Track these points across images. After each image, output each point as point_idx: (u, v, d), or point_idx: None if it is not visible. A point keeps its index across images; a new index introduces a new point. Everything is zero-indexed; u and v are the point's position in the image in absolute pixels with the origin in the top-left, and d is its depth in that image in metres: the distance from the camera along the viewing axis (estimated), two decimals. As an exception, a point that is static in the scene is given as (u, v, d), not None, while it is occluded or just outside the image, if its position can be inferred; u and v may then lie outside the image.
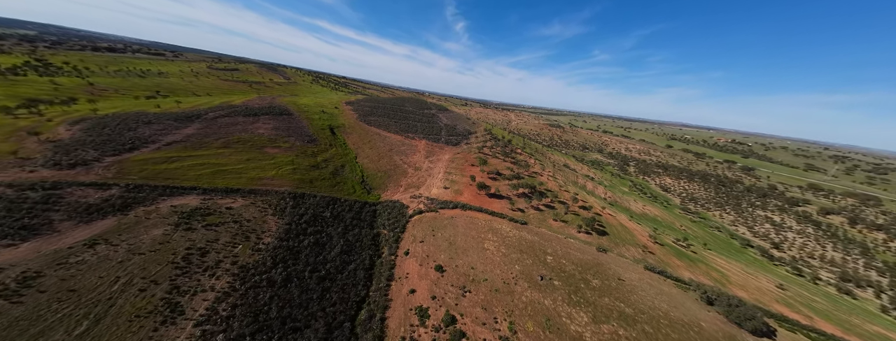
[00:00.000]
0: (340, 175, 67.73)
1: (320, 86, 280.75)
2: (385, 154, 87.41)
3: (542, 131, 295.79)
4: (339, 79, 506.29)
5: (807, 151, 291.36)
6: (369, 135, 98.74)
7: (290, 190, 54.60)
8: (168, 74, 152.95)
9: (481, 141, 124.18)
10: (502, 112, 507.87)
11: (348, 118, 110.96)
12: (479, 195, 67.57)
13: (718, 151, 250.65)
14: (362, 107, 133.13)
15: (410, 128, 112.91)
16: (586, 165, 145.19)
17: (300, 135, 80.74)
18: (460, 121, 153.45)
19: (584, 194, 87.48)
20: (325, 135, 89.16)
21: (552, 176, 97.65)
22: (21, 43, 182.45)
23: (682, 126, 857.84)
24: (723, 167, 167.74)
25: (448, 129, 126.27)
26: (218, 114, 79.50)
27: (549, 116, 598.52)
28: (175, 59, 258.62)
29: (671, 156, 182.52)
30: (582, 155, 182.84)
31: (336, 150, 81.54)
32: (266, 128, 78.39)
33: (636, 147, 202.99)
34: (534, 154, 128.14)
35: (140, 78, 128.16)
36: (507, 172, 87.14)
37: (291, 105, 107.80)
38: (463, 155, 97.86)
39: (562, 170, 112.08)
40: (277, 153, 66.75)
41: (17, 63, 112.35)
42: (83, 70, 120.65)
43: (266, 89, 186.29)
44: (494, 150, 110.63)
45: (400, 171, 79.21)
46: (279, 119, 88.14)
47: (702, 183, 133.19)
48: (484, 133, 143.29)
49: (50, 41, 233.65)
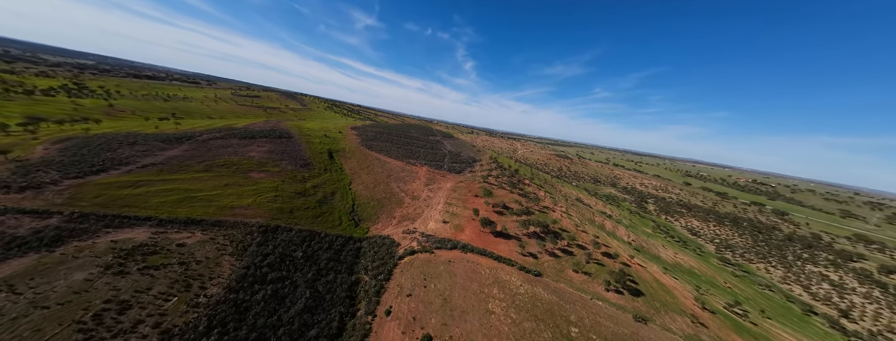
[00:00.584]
0: (328, 203, 60.12)
1: (333, 112, 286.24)
2: (382, 181, 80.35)
3: (549, 161, 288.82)
4: (354, 106, 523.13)
5: (837, 196, 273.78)
6: (369, 160, 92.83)
7: (263, 222, 46.80)
8: (192, 99, 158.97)
9: (486, 169, 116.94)
10: (508, 141, 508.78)
11: (350, 142, 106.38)
12: (483, 233, 58.31)
13: (740, 191, 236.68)
14: (367, 132, 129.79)
15: (413, 154, 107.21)
16: (601, 200, 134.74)
17: (294, 158, 75.02)
18: (465, 148, 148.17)
19: (604, 236, 76.89)
20: (322, 159, 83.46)
21: (566, 212, 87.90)
22: (72, 69, 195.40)
23: (694, 162, 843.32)
24: (753, 210, 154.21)
25: (452, 156, 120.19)
26: (213, 136, 75.18)
27: (554, 147, 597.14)
28: (208, 86, 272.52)
29: (692, 194, 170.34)
30: (595, 188, 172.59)
31: (330, 176, 74.99)
32: (259, 150, 73.15)
33: (652, 183, 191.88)
34: (543, 185, 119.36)
35: (164, 101, 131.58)
36: (515, 206, 78.16)
37: (294, 128, 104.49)
38: (466, 184, 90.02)
39: (575, 206, 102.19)
40: (263, 178, 60.29)
41: (55, 85, 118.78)
42: (115, 93, 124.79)
43: (279, 114, 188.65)
44: (500, 180, 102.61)
45: (396, 200, 71.25)
46: (277, 142, 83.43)
47: (734, 227, 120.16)
48: (489, 161, 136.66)
49: (99, 69, 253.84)
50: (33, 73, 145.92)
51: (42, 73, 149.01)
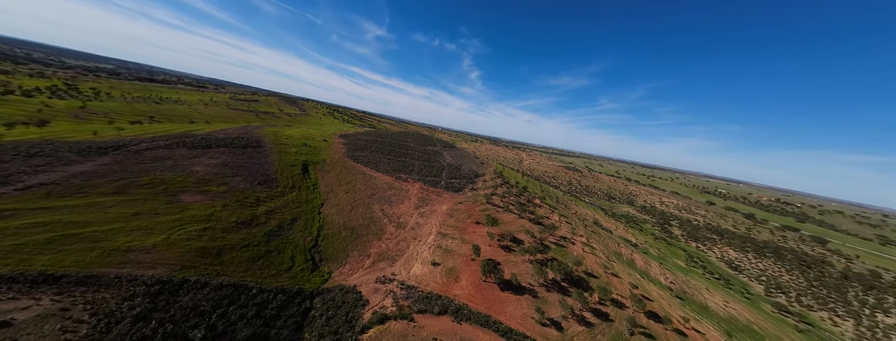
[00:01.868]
0: (281, 237, 45.84)
1: (333, 118, 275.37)
2: (362, 201, 66.10)
3: (558, 174, 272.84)
4: (358, 113, 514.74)
5: (869, 218, 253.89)
6: (351, 174, 78.92)
7: (166, 273, 32.47)
8: (185, 102, 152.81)
9: (491, 186, 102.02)
10: (513, 150, 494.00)
11: (333, 153, 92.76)
12: (486, 284, 43.32)
13: (766, 212, 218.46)
14: (356, 140, 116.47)
15: (405, 166, 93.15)
16: (620, 223, 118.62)
17: (252, 173, 61.22)
18: (467, 159, 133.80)
19: (636, 277, 61.20)
20: (292, 174, 69.65)
21: (587, 243, 72.31)
22: (82, 72, 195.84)
23: (707, 177, 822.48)
24: (794, 239, 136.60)
25: (451, 170, 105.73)
26: (155, 145, 61.85)
27: (562, 157, 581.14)
28: (214, 90, 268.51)
29: (719, 216, 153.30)
30: (610, 206, 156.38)
31: (297, 196, 61.01)
32: (209, 164, 59.51)
33: (672, 201, 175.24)
34: (556, 206, 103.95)
35: (155, 104, 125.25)
36: (525, 238, 62.97)
37: (269, 136, 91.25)
38: (466, 206, 75.15)
39: (595, 233, 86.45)
40: (196, 202, 46.34)
41: (43, 85, 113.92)
42: (103, 95, 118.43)
43: (272, 119, 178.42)
44: (507, 200, 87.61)
45: (375, 229, 56.70)
46: (237, 152, 69.85)
47: (777, 260, 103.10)
48: (494, 175, 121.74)
49: (110, 72, 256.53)
50: (27, 73, 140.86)
51: (38, 74, 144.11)
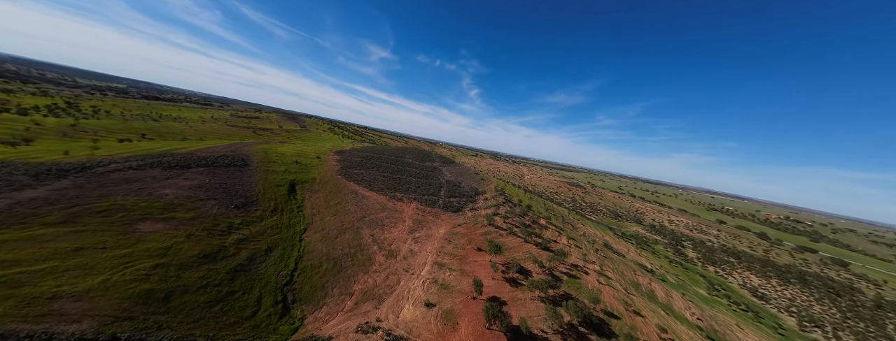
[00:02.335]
0: (249, 273, 39.32)
1: (333, 134, 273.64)
2: (351, 225, 59.82)
3: (560, 190, 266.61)
4: (360, 128, 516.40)
5: (882, 237, 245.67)
6: (341, 194, 73.06)
7: (93, 328, 25.67)
8: (184, 119, 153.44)
9: (492, 204, 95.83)
10: (513, 165, 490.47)
11: (325, 171, 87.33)
12: (491, 334, 36.30)
13: (777, 230, 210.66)
14: (352, 157, 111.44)
15: (401, 184, 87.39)
16: (631, 243, 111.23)
17: (231, 195, 55.48)
18: (467, 176, 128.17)
19: (661, 314, 53.86)
20: (276, 194, 63.86)
21: (601, 272, 65.24)
22: (88, 90, 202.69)
23: (708, 192, 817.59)
24: (815, 261, 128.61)
25: (450, 187, 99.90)
26: (127, 166, 56.45)
27: (562, 172, 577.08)
28: (219, 108, 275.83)
29: (733, 237, 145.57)
30: (618, 225, 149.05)
31: (278, 220, 54.98)
32: (182, 185, 53.93)
33: (682, 220, 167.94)
34: (563, 227, 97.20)
35: (154, 121, 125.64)
36: (533, 267, 56.18)
37: (259, 153, 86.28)
38: (466, 228, 68.71)
39: (608, 258, 79.39)
40: (157, 231, 40.22)
41: (41, 104, 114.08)
42: (103, 113, 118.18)
43: (268, 135, 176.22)
44: (511, 221, 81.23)
45: (362, 259, 50.12)
46: (218, 172, 64.33)
47: (804, 287, 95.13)
48: (495, 192, 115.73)
49: (118, 91, 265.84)
50: (31, 91, 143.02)
51: (42, 92, 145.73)
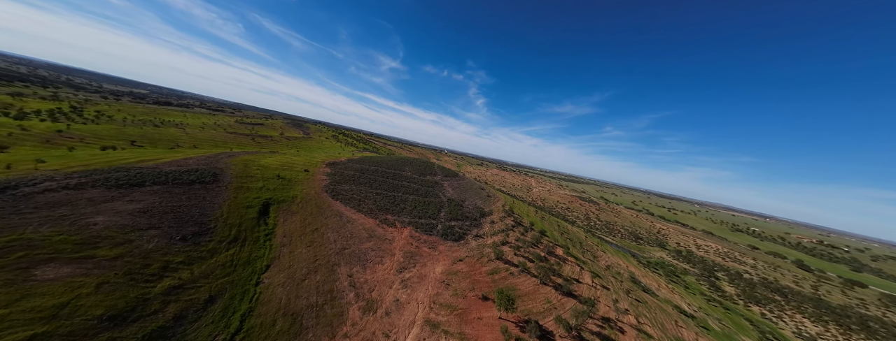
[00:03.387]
0: (171, 340, 28.30)
1: (336, 141, 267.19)
2: (326, 261, 48.37)
3: (572, 205, 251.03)
4: (366, 135, 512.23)
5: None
6: (323, 216, 62.00)
7: None
8: (186, 125, 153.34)
9: (501, 229, 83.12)
10: (521, 176, 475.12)
11: (311, 187, 76.77)
12: None
13: (811, 256, 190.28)
14: (346, 170, 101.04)
15: (395, 204, 76.01)
16: (659, 275, 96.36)
17: (179, 223, 44.80)
18: (471, 192, 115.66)
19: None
20: (241, 219, 53.15)
21: (638, 327, 51.63)
22: (104, 95, 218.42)
23: (728, 209, 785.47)
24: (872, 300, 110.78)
25: (451, 208, 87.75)
26: (64, 184, 46.25)
27: (571, 184, 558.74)
28: (231, 114, 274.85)
29: (773, 268, 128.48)
30: (639, 249, 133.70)
31: (233, 254, 44.01)
32: (122, 211, 43.33)
33: (710, 245, 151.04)
34: (584, 258, 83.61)
35: (154, 127, 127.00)
36: (557, 330, 43.07)
37: (236, 166, 76.28)
38: (469, 265, 56.19)
39: (641, 302, 65.38)
40: (61, 278, 28.95)
41: (44, 108, 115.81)
42: (104, 118, 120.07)
43: (267, 143, 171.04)
44: (523, 254, 68.23)
45: (330, 315, 38.19)
46: (177, 191, 54.00)
47: (868, 336, 78.65)
48: (503, 213, 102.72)
49: (134, 95, 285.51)
50: (41, 96, 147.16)
51: (52, 97, 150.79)
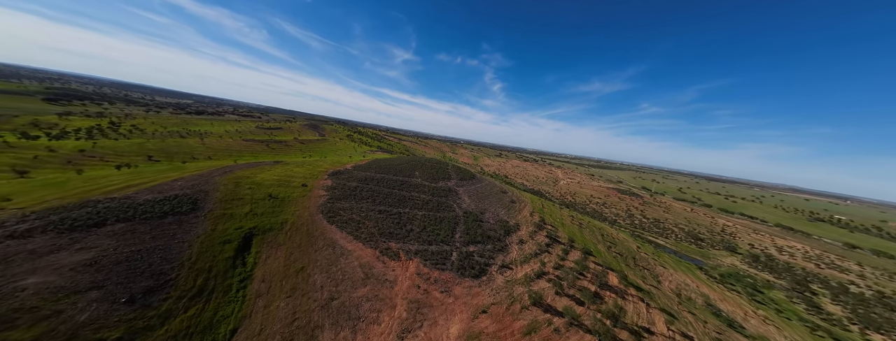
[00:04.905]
0: None
1: (350, 141, 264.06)
2: (306, 323, 36.97)
3: (609, 200, 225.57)
4: (380, 132, 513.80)
5: None
6: (312, 250, 51.24)
7: None
8: (209, 134, 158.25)
9: (533, 252, 67.32)
10: (545, 166, 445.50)
11: (305, 207, 66.48)
12: None
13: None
14: (349, 179, 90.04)
15: (400, 225, 63.20)
16: (740, 297, 76.36)
17: (131, 276, 35.36)
18: (491, 198, 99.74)
19: None
20: (213, 262, 43.57)
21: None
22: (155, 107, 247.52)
23: (796, 192, 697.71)
24: None
25: (468, 224, 72.98)
26: (11, 233, 38.66)
27: (603, 171, 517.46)
28: (258, 119, 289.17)
29: (888, 277, 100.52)
30: (703, 255, 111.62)
31: (192, 316, 34.02)
32: (64, 265, 34.20)
33: (795, 245, 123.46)
34: (645, 286, 66.22)
35: (180, 138, 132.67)
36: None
37: (227, 186, 67.56)
38: (496, 323, 41.71)
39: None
40: None
41: (85, 126, 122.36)
42: (136, 132, 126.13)
43: (279, 149, 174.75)
44: (567, 290, 52.75)
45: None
46: (142, 229, 44.65)
47: None
48: (533, 225, 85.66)
49: (176, 106, 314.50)
50: (85, 113, 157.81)
51: (98, 114, 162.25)
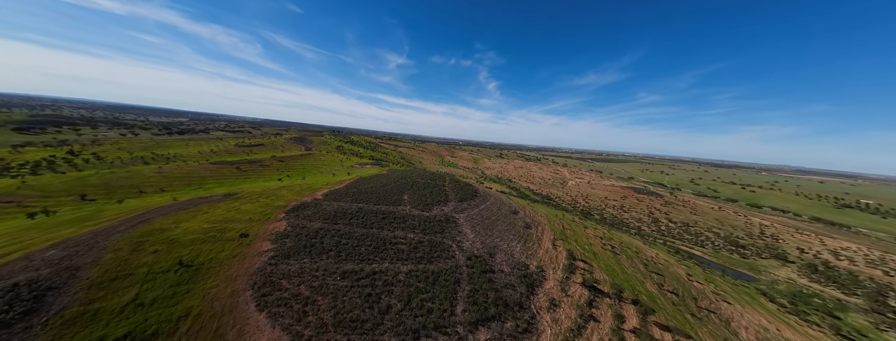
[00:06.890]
0: None
1: (340, 154, 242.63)
2: None
3: (626, 202, 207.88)
4: (375, 139, 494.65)
5: None
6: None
7: None
8: (177, 157, 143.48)
9: (572, 323, 41.12)
10: (550, 166, 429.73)
11: (229, 279, 45.59)
12: None
13: None
14: (312, 218, 67.44)
15: (370, 301, 38.34)
16: (823, 332, 58.68)
17: None
18: (501, 225, 78.92)
19: None
20: None
21: None
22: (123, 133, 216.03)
23: (802, 173, 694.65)
24: None
25: (474, 281, 48.67)
26: None
27: (608, 165, 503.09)
28: (242, 135, 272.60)
29: None
30: (751, 267, 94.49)
31: None
32: None
33: (849, 245, 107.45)
34: None
35: (143, 164, 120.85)
36: None
37: (122, 249, 46.70)
38: None
39: None
40: None
41: (36, 158, 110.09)
42: (89, 163, 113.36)
43: (251, 171, 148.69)
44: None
45: None
46: None
47: None
48: (561, 268, 62.46)
49: (162, 125, 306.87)
50: (46, 143, 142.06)
51: (62, 143, 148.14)
